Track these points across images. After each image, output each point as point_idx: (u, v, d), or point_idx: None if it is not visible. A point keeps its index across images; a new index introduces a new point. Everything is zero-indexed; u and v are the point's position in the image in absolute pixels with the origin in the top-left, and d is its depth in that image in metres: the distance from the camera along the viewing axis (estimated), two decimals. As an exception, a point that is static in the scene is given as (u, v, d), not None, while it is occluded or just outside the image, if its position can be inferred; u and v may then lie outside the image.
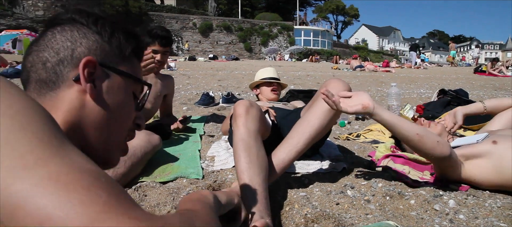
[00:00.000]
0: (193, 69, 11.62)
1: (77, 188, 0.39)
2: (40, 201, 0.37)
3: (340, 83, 1.65)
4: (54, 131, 0.43)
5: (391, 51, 63.56)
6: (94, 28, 0.71)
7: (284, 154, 1.55)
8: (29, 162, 0.38)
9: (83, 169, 0.42)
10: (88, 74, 0.66)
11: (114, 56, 0.73)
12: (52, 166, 0.39)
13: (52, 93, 0.67)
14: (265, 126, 1.72)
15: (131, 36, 0.77)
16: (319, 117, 1.59)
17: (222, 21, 34.38)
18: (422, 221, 1.35)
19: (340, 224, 1.29)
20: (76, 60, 0.67)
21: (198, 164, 1.97)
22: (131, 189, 1.63)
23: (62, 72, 0.67)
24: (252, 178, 1.31)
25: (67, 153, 0.42)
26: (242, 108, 1.50)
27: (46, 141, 0.41)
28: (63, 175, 0.39)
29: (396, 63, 22.20)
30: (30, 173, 0.38)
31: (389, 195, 1.57)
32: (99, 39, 0.71)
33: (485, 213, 1.42)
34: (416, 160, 1.95)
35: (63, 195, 0.38)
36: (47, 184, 0.38)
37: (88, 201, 0.38)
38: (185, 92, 5.76)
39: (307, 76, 10.35)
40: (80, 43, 0.69)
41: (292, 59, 27.14)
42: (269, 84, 2.73)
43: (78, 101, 0.67)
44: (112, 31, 0.73)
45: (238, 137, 1.44)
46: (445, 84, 8.67)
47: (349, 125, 3.36)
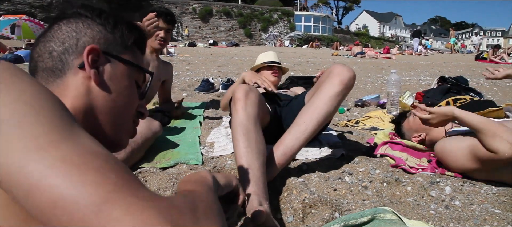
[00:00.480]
0: (193, 55, 11.59)
1: (89, 169, 0.41)
2: (53, 181, 0.39)
3: (345, 68, 1.65)
4: (65, 115, 0.46)
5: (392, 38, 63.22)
6: (98, 20, 0.75)
7: (293, 141, 1.55)
8: (42, 145, 0.40)
9: (94, 152, 0.44)
10: (92, 61, 0.70)
11: (117, 45, 0.76)
12: (65, 148, 0.42)
13: (59, 81, 0.70)
14: (264, 111, 1.73)
15: (133, 28, 0.80)
16: (326, 103, 1.60)
17: (222, 7, 34.11)
18: (418, 207, 1.37)
19: (337, 209, 1.31)
20: (80, 48, 0.71)
21: (197, 150, 1.98)
22: (131, 175, 1.64)
23: (68, 60, 0.70)
24: (250, 162, 1.32)
25: (78, 137, 0.44)
26: (241, 93, 1.51)
27: (58, 124, 0.43)
28: (75, 157, 0.41)
29: (398, 49, 22.10)
30: (44, 154, 0.40)
31: (386, 181, 1.59)
32: (102, 30, 0.74)
33: (480, 199, 1.44)
34: (414, 147, 1.97)
35: (76, 176, 0.40)
36: (60, 165, 0.40)
37: (99, 181, 0.40)
38: (185, 78, 5.76)
39: (307, 62, 10.33)
40: (84, 33, 0.72)
41: (292, 45, 27.02)
42: (269, 67, 2.71)
43: (84, 87, 0.70)
44: (115, 23, 0.77)
45: (237, 121, 1.45)
46: (446, 71, 8.66)
47: (349, 111, 3.37)
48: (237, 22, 34.08)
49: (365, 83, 5.86)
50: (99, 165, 0.42)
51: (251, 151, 1.36)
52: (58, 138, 0.42)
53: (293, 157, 1.59)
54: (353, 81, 1.65)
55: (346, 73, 1.62)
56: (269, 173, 1.47)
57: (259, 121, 1.51)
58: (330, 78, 1.63)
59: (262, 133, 1.48)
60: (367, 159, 1.89)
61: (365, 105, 3.65)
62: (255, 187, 1.25)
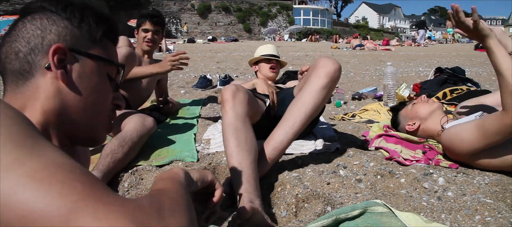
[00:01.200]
0: (192, 52, 11.57)
1: (53, 182, 0.42)
2: (21, 197, 0.40)
3: (330, 61, 1.66)
4: (27, 131, 0.47)
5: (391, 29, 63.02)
6: (64, 14, 0.73)
7: (282, 136, 1.57)
8: (7, 163, 0.42)
9: (58, 164, 0.45)
10: (58, 60, 0.69)
11: (85, 40, 0.74)
12: (29, 164, 0.43)
13: (28, 83, 0.69)
14: (255, 109, 1.74)
15: (101, 19, 0.78)
16: (313, 96, 1.61)
17: (221, 2, 34.06)
18: (410, 199, 1.38)
19: (329, 203, 1.32)
20: (46, 47, 0.69)
21: (193, 147, 2.00)
22: (128, 173, 1.66)
23: (35, 61, 0.69)
24: (241, 161, 1.34)
25: (41, 151, 0.45)
26: (229, 93, 1.53)
27: (21, 142, 0.44)
28: (39, 172, 0.42)
29: (397, 41, 22.05)
30: (10, 173, 0.41)
31: (380, 174, 1.60)
32: (68, 25, 0.72)
33: (473, 190, 1.45)
34: (408, 140, 1.97)
35: (42, 189, 0.41)
36: (26, 181, 0.41)
37: (64, 193, 0.42)
38: (183, 75, 5.76)
39: (306, 56, 10.32)
40: (49, 31, 0.70)
41: (291, 39, 26.97)
42: (268, 61, 2.69)
43: (53, 88, 0.70)
44: (81, 16, 0.74)
45: (226, 122, 1.47)
46: (445, 62, 8.64)
47: (345, 105, 3.38)
48: (236, 17, 34.04)
49: (363, 76, 5.85)
50: (64, 177, 0.44)
51: (241, 150, 1.37)
52: (22, 155, 0.43)
53: (283, 152, 1.60)
54: (338, 73, 1.65)
55: (331, 65, 1.63)
56: (261, 169, 1.48)
57: (249, 119, 1.53)
58: (316, 71, 1.64)
59: (252, 131, 1.49)
60: (361, 152, 1.90)
61: (362, 98, 3.65)
62: (246, 184, 1.27)
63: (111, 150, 1.67)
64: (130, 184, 1.59)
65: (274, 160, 1.56)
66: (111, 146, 1.68)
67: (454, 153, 1.70)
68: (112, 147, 1.68)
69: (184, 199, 0.63)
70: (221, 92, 1.60)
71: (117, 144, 1.70)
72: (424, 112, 2.01)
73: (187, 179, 0.76)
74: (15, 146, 0.43)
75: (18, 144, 0.44)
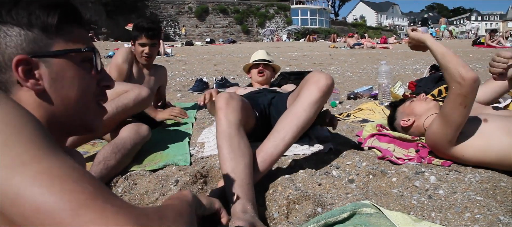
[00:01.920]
0: (190, 54, 11.59)
1: (68, 180, 0.46)
2: (37, 190, 0.44)
3: (323, 76, 1.67)
4: (44, 133, 0.50)
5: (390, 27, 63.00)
6: (11, 20, 0.67)
7: (272, 148, 1.57)
8: (26, 159, 0.45)
9: (72, 166, 0.49)
10: (24, 72, 0.67)
11: (43, 39, 0.69)
12: (46, 162, 0.46)
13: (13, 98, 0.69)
14: (249, 115, 1.75)
15: (50, 6, 0.70)
16: (305, 109, 1.62)
17: (218, 4, 34.09)
18: (401, 198, 1.38)
19: (319, 204, 1.33)
20: (9, 62, 0.66)
21: (186, 151, 2.01)
22: (121, 178, 1.67)
23: (6, 79, 0.67)
24: (234, 167, 1.35)
25: (57, 153, 0.49)
26: (222, 101, 1.54)
27: (39, 142, 0.48)
28: (55, 169, 0.46)
29: (395, 39, 22.07)
30: (27, 168, 0.45)
31: (372, 173, 1.61)
32: (20, 31, 0.67)
33: (464, 187, 1.45)
34: (401, 138, 1.98)
35: (56, 185, 0.45)
36: (42, 176, 0.45)
37: (77, 191, 0.46)
38: (180, 79, 5.77)
39: (304, 56, 10.33)
40: (5, 45, 0.66)
41: (289, 39, 26.98)
42: (256, 66, 2.79)
43: (33, 99, 0.69)
44: (28, 14, 0.68)
45: (220, 130, 1.48)
46: (442, 59, 8.65)
47: (341, 105, 3.39)
48: (234, 19, 34.07)
49: (360, 75, 5.86)
50: (77, 178, 0.47)
51: (234, 156, 1.38)
52: (39, 153, 0.47)
53: (273, 163, 1.60)
54: (331, 88, 1.67)
55: (324, 80, 1.64)
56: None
57: (242, 126, 1.53)
58: (308, 85, 1.66)
59: (245, 137, 1.50)
60: (354, 152, 1.91)
61: (358, 97, 3.66)
62: (238, 190, 1.28)
63: (104, 157, 1.67)
64: (123, 189, 1.59)
65: (265, 171, 1.56)
66: (104, 153, 1.69)
67: (435, 149, 1.74)
68: (105, 154, 1.69)
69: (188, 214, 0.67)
70: (215, 99, 1.61)
71: (110, 151, 1.71)
72: (420, 109, 2.02)
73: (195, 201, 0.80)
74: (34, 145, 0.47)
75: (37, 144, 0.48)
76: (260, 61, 2.79)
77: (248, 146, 1.47)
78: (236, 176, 1.32)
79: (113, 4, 26.67)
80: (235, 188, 1.28)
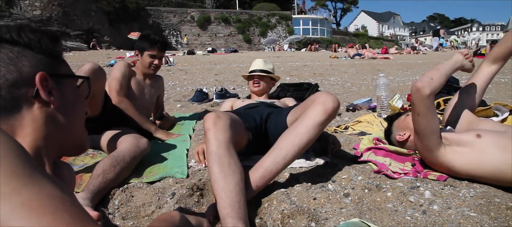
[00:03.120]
0: (191, 64, 11.64)
1: (45, 212, 0.47)
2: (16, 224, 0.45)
3: (330, 98, 1.67)
4: (25, 162, 0.51)
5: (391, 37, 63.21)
6: (22, 41, 0.75)
7: (272, 165, 1.58)
8: (6, 192, 0.46)
9: (50, 195, 0.50)
10: (45, 87, 0.74)
11: (53, 63, 0.79)
12: (24, 194, 0.47)
13: (16, 116, 0.72)
14: (239, 132, 1.76)
15: (53, 38, 0.81)
16: (309, 130, 1.62)
17: (220, 13, 34.29)
18: (395, 214, 1.39)
19: (313, 219, 1.34)
20: (27, 79, 0.73)
21: (184, 163, 2.02)
22: (118, 190, 1.67)
23: (20, 94, 0.72)
24: (224, 185, 1.36)
25: (37, 181, 0.50)
26: (210, 122, 1.55)
27: (19, 172, 0.48)
28: (33, 201, 0.47)
29: (396, 49, 22.15)
30: (7, 202, 0.45)
31: (367, 188, 1.62)
32: (34, 53, 0.75)
33: (458, 203, 1.46)
34: (397, 152, 1.99)
35: (34, 218, 0.46)
36: (20, 210, 0.46)
37: (54, 222, 0.47)
38: (181, 89, 5.79)
39: (304, 66, 10.36)
40: (22, 64, 0.73)
41: (291, 49, 27.07)
42: (252, 77, 2.82)
43: (43, 115, 0.74)
44: (38, 40, 0.77)
45: (209, 150, 1.49)
46: (442, 70, 8.67)
47: (339, 117, 3.40)
48: (236, 28, 34.24)
49: (360, 86, 5.88)
50: (56, 208, 0.48)
51: (224, 175, 1.39)
52: (19, 185, 0.47)
53: (271, 180, 1.61)
54: (336, 110, 1.68)
55: (331, 103, 1.65)
56: (247, 194, 1.50)
57: (232, 144, 1.54)
58: (315, 106, 1.66)
59: (236, 156, 1.51)
60: (351, 166, 1.92)
61: (357, 109, 3.67)
62: (229, 209, 1.29)
63: (103, 170, 1.68)
64: (120, 201, 1.60)
65: (261, 188, 1.57)
66: (103, 166, 1.70)
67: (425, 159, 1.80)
68: (104, 167, 1.70)
69: None
70: (203, 120, 1.62)
71: (109, 164, 1.72)
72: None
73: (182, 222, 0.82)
74: (14, 176, 0.48)
75: (18, 175, 0.48)
76: (255, 73, 2.80)
77: (239, 165, 1.48)
78: (226, 194, 1.33)
79: (116, 12, 26.86)
80: (226, 207, 1.29)
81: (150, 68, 2.76)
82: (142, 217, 1.47)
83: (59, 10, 22.51)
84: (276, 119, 2.02)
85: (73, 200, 0.53)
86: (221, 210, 1.30)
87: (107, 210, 1.53)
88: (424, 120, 1.64)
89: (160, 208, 1.52)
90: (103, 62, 10.78)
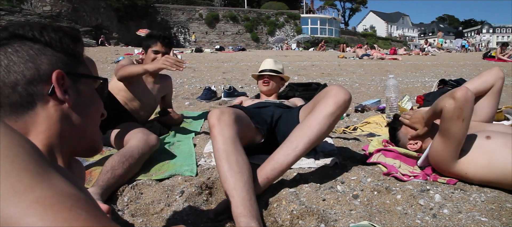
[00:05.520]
0: (199, 61, 11.66)
1: (61, 209, 0.46)
2: (30, 220, 0.44)
3: (342, 91, 1.68)
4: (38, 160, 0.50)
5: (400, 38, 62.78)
6: (43, 39, 0.76)
7: (283, 157, 1.59)
8: (19, 189, 0.45)
9: (65, 193, 0.49)
10: (61, 85, 0.74)
11: (72, 62, 0.79)
12: (39, 191, 0.46)
13: (31, 113, 0.73)
14: (245, 126, 1.76)
15: (75, 38, 0.82)
16: (320, 123, 1.63)
17: (228, 11, 34.29)
18: (405, 216, 1.38)
19: (323, 220, 1.33)
20: (44, 76, 0.73)
21: (193, 161, 2.02)
22: (128, 187, 1.68)
23: (36, 91, 0.73)
24: (234, 184, 1.37)
25: (51, 179, 0.49)
26: (214, 118, 1.55)
27: (32, 170, 0.48)
28: (48, 199, 0.46)
29: (404, 50, 22.01)
30: (21, 198, 0.45)
31: (377, 190, 1.61)
32: (53, 52, 0.76)
33: (469, 207, 1.45)
34: (407, 155, 1.98)
35: (50, 215, 0.45)
36: (35, 206, 0.45)
37: (70, 219, 0.46)
38: (189, 86, 5.81)
39: (312, 66, 10.33)
40: (41, 61, 0.74)
41: (299, 48, 26.99)
42: (262, 76, 2.81)
43: (57, 113, 0.74)
44: (59, 39, 0.78)
45: (216, 147, 1.49)
46: (452, 72, 8.60)
47: (348, 117, 3.38)
48: (244, 26, 34.21)
49: (368, 87, 5.84)
50: (71, 205, 0.48)
51: (233, 174, 1.39)
52: (33, 182, 0.47)
53: (282, 173, 1.62)
54: (348, 103, 1.68)
55: (342, 95, 1.65)
56: (258, 187, 1.51)
57: (239, 139, 1.54)
58: (326, 99, 1.67)
59: (243, 152, 1.51)
60: (360, 167, 1.91)
61: (365, 110, 3.66)
62: (241, 208, 1.29)
63: (112, 166, 1.69)
64: (129, 198, 1.61)
65: (272, 180, 1.58)
66: (112, 162, 1.71)
67: (438, 168, 1.76)
68: (113, 163, 1.71)
69: None
70: (208, 118, 1.63)
71: (118, 161, 1.73)
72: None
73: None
74: (27, 173, 0.47)
75: (31, 172, 0.47)
76: (265, 73, 2.79)
77: (246, 161, 1.49)
78: (237, 193, 1.33)
79: (125, 9, 26.97)
80: (238, 207, 1.30)
81: None
82: (151, 214, 1.48)
83: (69, 6, 22.67)
84: (287, 118, 2.02)
85: (88, 197, 0.52)
86: (233, 210, 1.30)
87: (116, 206, 1.54)
88: (465, 126, 1.59)
89: (169, 205, 1.53)
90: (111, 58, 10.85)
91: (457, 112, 1.56)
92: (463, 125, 1.58)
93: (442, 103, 1.63)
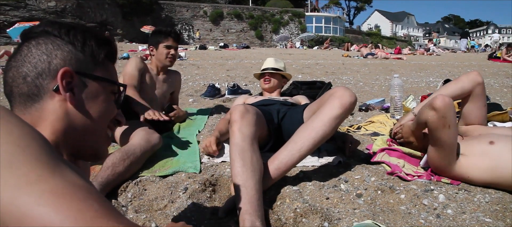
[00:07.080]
0: (203, 59, 11.66)
1: (74, 199, 0.47)
2: (43, 210, 0.44)
3: (347, 93, 1.68)
4: (50, 152, 0.51)
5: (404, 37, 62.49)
6: (67, 38, 0.77)
7: (287, 157, 1.60)
8: (32, 179, 0.45)
9: (78, 185, 0.49)
10: (66, 83, 0.73)
11: (89, 63, 0.79)
12: (52, 181, 0.47)
13: (37, 105, 0.73)
14: (263, 128, 1.77)
15: (102, 42, 0.82)
16: (325, 124, 1.64)
17: (233, 9, 34.29)
18: (408, 216, 1.38)
19: (326, 219, 1.33)
20: (53, 71, 0.74)
21: (196, 158, 2.02)
22: (132, 183, 1.69)
23: (43, 84, 0.73)
24: (245, 181, 1.37)
25: (62, 171, 0.50)
26: (238, 114, 1.56)
27: (44, 161, 0.48)
28: (60, 189, 0.47)
29: (409, 49, 21.92)
30: (34, 188, 0.45)
31: (380, 189, 1.61)
32: (72, 49, 0.77)
33: (473, 208, 1.44)
34: (411, 154, 1.97)
35: (63, 204, 0.45)
36: (48, 196, 0.45)
37: (83, 209, 0.46)
38: (192, 83, 5.81)
39: (316, 64, 10.31)
40: (55, 55, 0.74)
41: (303, 47, 26.93)
42: (263, 75, 2.86)
43: (62, 110, 0.74)
44: (84, 40, 0.78)
45: (233, 142, 1.50)
46: (457, 72, 8.56)
47: (352, 116, 3.37)
48: (248, 24, 34.19)
49: (372, 86, 5.82)
50: (83, 196, 0.48)
51: (246, 171, 1.40)
52: (45, 172, 0.47)
53: (286, 172, 1.63)
54: (353, 105, 1.70)
55: (348, 97, 1.66)
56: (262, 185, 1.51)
57: (256, 140, 1.55)
58: (331, 100, 1.67)
59: (258, 152, 1.52)
60: (364, 166, 1.91)
61: (369, 109, 3.64)
62: (248, 205, 1.29)
63: (113, 163, 1.69)
64: (133, 194, 1.62)
65: (275, 179, 1.60)
66: (113, 159, 1.71)
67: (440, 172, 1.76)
68: (114, 160, 1.71)
69: None
70: (230, 110, 1.63)
71: (119, 158, 1.73)
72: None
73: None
74: (40, 164, 0.47)
75: (43, 163, 0.48)
76: (266, 71, 2.84)
77: (260, 162, 1.50)
78: (247, 190, 1.34)
79: (129, 5, 27.04)
80: (245, 204, 1.30)
81: (167, 59, 2.83)
82: (155, 210, 1.48)
83: (74, 2, 22.77)
84: (291, 117, 2.02)
85: (98, 192, 0.53)
86: (240, 206, 1.30)
87: (120, 202, 1.54)
88: (454, 131, 1.61)
89: (173, 202, 1.53)
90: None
91: (441, 121, 1.58)
92: (451, 131, 1.59)
93: (424, 116, 1.65)
